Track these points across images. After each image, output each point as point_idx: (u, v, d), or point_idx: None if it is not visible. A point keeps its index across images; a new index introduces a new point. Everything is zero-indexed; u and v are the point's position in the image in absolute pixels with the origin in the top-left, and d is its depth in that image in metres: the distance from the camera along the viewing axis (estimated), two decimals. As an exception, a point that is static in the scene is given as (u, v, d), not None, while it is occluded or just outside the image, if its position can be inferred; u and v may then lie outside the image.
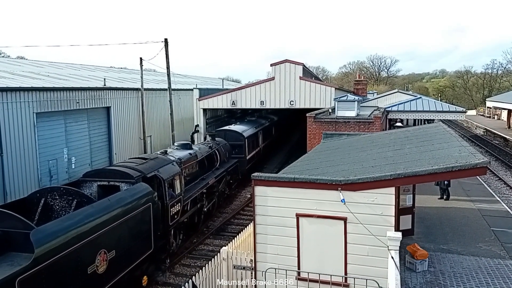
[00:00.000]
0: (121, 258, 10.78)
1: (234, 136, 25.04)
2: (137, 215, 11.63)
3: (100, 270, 9.92)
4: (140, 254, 11.94)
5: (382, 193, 8.64)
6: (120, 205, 10.93)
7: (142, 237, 12.04)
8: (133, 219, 11.42)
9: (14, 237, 8.65)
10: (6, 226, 8.77)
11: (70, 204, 10.78)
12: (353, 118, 21.43)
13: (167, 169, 14.60)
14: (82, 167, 24.37)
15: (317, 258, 9.26)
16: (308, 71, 36.26)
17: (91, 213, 9.90)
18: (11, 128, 19.22)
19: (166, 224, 14.08)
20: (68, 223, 9.18)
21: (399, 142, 12.65)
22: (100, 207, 10.34)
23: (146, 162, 14.22)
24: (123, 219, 10.90)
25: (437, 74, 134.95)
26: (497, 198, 16.92)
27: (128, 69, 52.46)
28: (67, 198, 10.90)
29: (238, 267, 11.17)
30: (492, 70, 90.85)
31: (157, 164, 14.50)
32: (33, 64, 33.31)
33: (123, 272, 10.98)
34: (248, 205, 21.44)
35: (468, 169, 7.96)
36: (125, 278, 11.11)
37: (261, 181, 9.63)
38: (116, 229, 10.57)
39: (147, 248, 12.37)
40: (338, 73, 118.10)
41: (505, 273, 9.38)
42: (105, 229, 10.08)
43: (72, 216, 9.64)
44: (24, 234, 8.38)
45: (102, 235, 9.94)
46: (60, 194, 10.99)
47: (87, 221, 9.59)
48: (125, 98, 29.16)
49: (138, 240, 11.78)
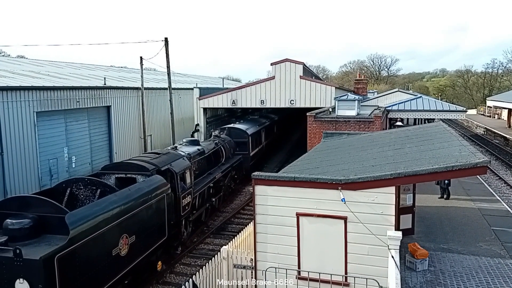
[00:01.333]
0: (140, 243, 11.72)
1: (238, 134, 25.77)
2: (153, 204, 12.58)
3: (123, 253, 10.89)
4: (156, 240, 12.91)
5: (382, 192, 8.64)
6: (139, 195, 11.90)
7: (157, 225, 12.97)
8: (150, 208, 12.39)
9: (48, 220, 9.48)
10: (42, 211, 9.60)
11: (94, 193, 11.62)
12: (354, 118, 21.42)
13: (178, 163, 15.47)
14: (83, 166, 24.39)
15: (317, 257, 9.26)
16: (308, 70, 36.24)
17: (115, 200, 10.84)
18: (11, 127, 19.22)
19: (178, 214, 14.92)
20: (96, 209, 10.15)
21: (399, 141, 12.64)
22: (122, 195, 11.28)
23: (159, 157, 15.13)
24: (142, 207, 11.86)
25: (437, 73, 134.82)
26: (497, 197, 16.92)
27: (128, 68, 52.45)
28: (91, 188, 11.75)
29: (239, 266, 11.18)
30: (493, 69, 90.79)
31: (170, 158, 15.40)
32: (33, 63, 33.30)
33: (142, 256, 11.93)
34: (249, 204, 21.48)
35: (469, 169, 7.97)
36: (142, 262, 12.09)
37: (262, 180, 9.63)
38: (136, 216, 11.55)
39: (162, 236, 13.31)
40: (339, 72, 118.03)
41: (505, 272, 9.38)
42: (127, 216, 11.04)
43: (99, 203, 10.57)
44: (59, 218, 9.23)
45: (124, 221, 10.89)
46: (84, 184, 11.85)
47: (111, 207, 10.54)
48: (125, 97, 29.16)
49: (154, 228, 12.74)
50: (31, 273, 8.27)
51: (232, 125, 27.69)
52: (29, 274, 8.28)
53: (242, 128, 26.64)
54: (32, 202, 9.93)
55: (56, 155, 22.39)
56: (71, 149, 23.54)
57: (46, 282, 8.31)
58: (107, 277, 10.25)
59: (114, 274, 10.55)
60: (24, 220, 9.26)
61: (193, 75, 63.17)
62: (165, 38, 26.99)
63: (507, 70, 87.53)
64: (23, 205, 9.84)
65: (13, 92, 19.47)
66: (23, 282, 8.32)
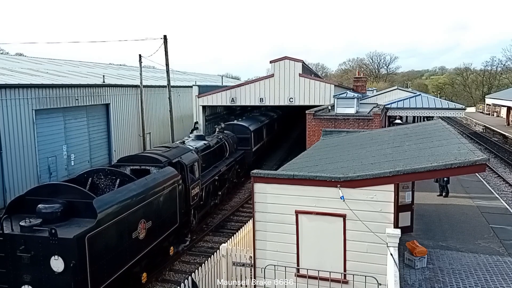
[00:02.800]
0: (155, 228, 12.68)
1: (241, 130, 26.61)
2: (167, 193, 13.56)
3: (141, 236, 11.87)
4: (169, 227, 13.88)
5: (381, 190, 8.64)
6: (154, 184, 12.84)
7: (170, 212, 13.95)
8: (164, 197, 13.35)
9: (77, 205, 10.38)
10: (70, 198, 10.50)
11: (113, 183, 12.44)
12: (353, 115, 21.42)
13: (188, 156, 16.50)
14: (81, 164, 24.39)
15: (316, 255, 9.27)
16: (307, 68, 36.21)
17: (134, 189, 11.83)
18: (10, 125, 19.21)
19: (188, 204, 15.90)
20: (119, 195, 11.13)
21: (398, 139, 12.64)
22: (140, 184, 12.26)
23: (170, 150, 16.14)
24: (157, 195, 12.83)
25: (436, 71, 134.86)
26: (496, 195, 16.94)
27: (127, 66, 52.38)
28: (111, 178, 12.60)
29: (238, 264, 11.19)
30: (492, 67, 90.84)
31: (179, 151, 16.45)
32: (32, 61, 33.23)
33: (157, 241, 12.88)
34: (248, 202, 21.50)
35: (467, 166, 7.96)
36: (157, 246, 13.03)
37: (261, 178, 9.63)
38: (152, 203, 12.53)
39: (174, 223, 14.28)
40: (338, 70, 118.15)
41: (504, 269, 9.41)
42: (144, 203, 12.02)
43: (120, 190, 11.51)
44: (86, 203, 10.14)
45: (142, 207, 11.88)
46: (105, 174, 12.73)
47: (131, 195, 11.52)
48: (124, 95, 29.14)
49: (167, 215, 13.71)
50: (65, 250, 9.16)
51: (235, 121, 28.59)
52: (63, 251, 9.16)
53: (245, 125, 27.44)
54: (62, 189, 10.80)
55: (55, 153, 22.38)
56: (70, 147, 23.54)
57: (78, 258, 9.22)
58: (128, 258, 11.25)
59: (133, 256, 11.53)
60: (55, 205, 10.13)
61: (192, 73, 63.13)
62: (164, 36, 26.97)
63: (506, 68, 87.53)
64: (53, 191, 10.68)
65: (11, 90, 19.44)
66: (57, 259, 9.21)
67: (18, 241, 9.39)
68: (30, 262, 9.34)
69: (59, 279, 9.24)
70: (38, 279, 9.39)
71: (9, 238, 9.46)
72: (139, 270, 12.19)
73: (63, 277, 9.22)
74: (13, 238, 9.44)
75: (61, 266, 9.21)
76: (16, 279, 9.54)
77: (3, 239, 9.46)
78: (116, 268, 10.66)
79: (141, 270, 12.33)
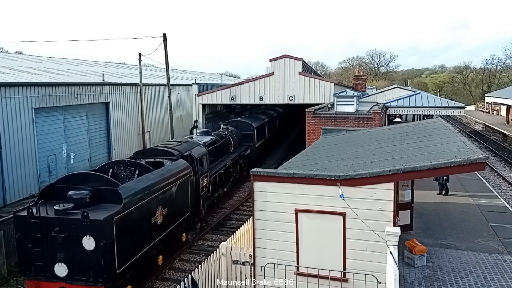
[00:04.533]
0: (170, 215, 13.83)
1: (244, 126, 27.56)
2: (180, 183, 14.68)
3: (158, 222, 13.02)
4: (182, 214, 15.03)
5: (381, 188, 8.64)
6: (169, 174, 13.96)
7: (183, 201, 15.09)
8: (178, 187, 14.47)
9: (103, 192, 11.38)
10: (97, 185, 11.47)
11: (133, 173, 13.46)
12: (352, 114, 21.42)
13: (197, 150, 17.63)
14: (81, 163, 24.37)
15: (316, 253, 9.28)
16: (307, 66, 36.19)
17: (153, 178, 12.93)
18: (9, 124, 19.18)
19: (198, 194, 17.03)
20: (140, 184, 12.23)
21: (398, 137, 12.64)
22: (157, 174, 13.34)
23: (181, 144, 17.36)
24: (172, 185, 13.95)
25: (436, 69, 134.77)
26: (495, 193, 16.94)
27: (127, 64, 52.32)
28: (130, 169, 13.62)
29: (237, 262, 11.19)
30: (492, 66, 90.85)
31: (190, 145, 17.61)
32: (32, 59, 33.17)
33: (172, 227, 14.02)
34: (248, 200, 21.52)
35: (467, 165, 7.96)
36: (172, 232, 14.14)
37: (260, 176, 9.63)
38: (168, 192, 13.64)
39: (186, 211, 15.44)
40: (337, 68, 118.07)
41: (503, 268, 9.42)
42: (161, 191, 13.15)
43: (141, 179, 12.58)
44: (112, 190, 11.19)
45: (159, 195, 13.00)
46: (124, 165, 13.78)
47: (150, 183, 12.60)
48: (124, 93, 29.10)
49: (180, 203, 14.83)
50: (96, 230, 10.16)
51: (238, 118, 29.61)
52: (95, 231, 10.16)
53: (248, 122, 28.42)
54: (89, 178, 11.87)
55: (55, 152, 22.36)
56: (69, 145, 23.51)
57: (107, 238, 10.26)
58: (147, 241, 12.41)
59: (152, 239, 12.70)
60: (84, 191, 11.14)
61: (192, 71, 63.07)
62: (164, 34, 26.92)
63: (506, 67, 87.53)
64: (81, 180, 11.72)
65: (11, 88, 19.41)
66: (89, 238, 10.20)
67: (53, 223, 10.43)
68: (64, 242, 10.38)
69: (90, 257, 10.24)
70: (70, 257, 10.40)
71: (45, 221, 10.48)
72: (156, 253, 13.31)
73: (94, 255, 10.22)
74: (48, 221, 10.46)
75: (92, 245, 10.19)
76: (50, 257, 10.54)
77: (39, 221, 10.48)
78: (138, 249, 11.80)
79: (158, 253, 13.45)
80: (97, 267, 10.28)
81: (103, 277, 10.32)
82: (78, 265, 10.41)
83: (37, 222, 10.50)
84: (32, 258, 10.63)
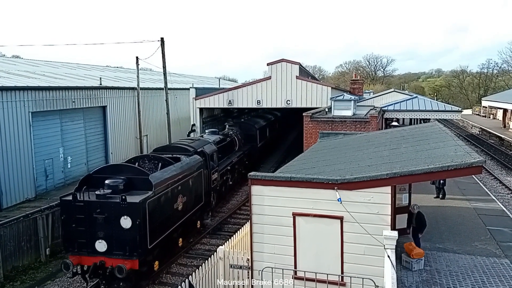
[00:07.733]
0: (188, 203, 15.94)
1: (247, 127, 29.39)
2: (196, 176, 16.73)
3: (179, 208, 15.04)
4: (197, 203, 17.09)
5: (378, 192, 8.65)
6: (188, 167, 16.05)
7: (197, 192, 17.08)
8: (194, 178, 16.52)
9: (134, 181, 13.17)
10: (130, 175, 13.29)
11: (156, 166, 15.13)
12: (350, 118, 21.45)
13: (208, 147, 19.64)
14: (78, 167, 24.30)
15: (313, 257, 9.27)
16: (304, 70, 36.25)
17: (175, 169, 14.96)
18: (6, 128, 19.12)
19: (209, 186, 19.05)
20: (165, 174, 14.19)
21: (395, 141, 12.67)
22: (178, 166, 15.38)
23: (194, 141, 19.46)
24: (189, 177, 15.99)
25: (433, 73, 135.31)
26: (492, 197, 17.00)
27: (124, 68, 52.26)
28: (154, 162, 15.38)
29: (235, 266, 11.16)
30: (488, 70, 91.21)
31: (202, 143, 19.73)
32: (29, 63, 33.13)
33: (189, 213, 16.07)
34: (245, 204, 21.47)
35: (464, 168, 7.99)
36: (189, 218, 16.14)
37: (258, 180, 9.62)
38: (186, 182, 15.69)
39: (200, 201, 17.51)
40: (335, 72, 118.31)
41: (500, 271, 9.43)
42: (181, 181, 15.14)
43: (165, 170, 14.48)
44: (143, 178, 13.05)
45: (180, 184, 14.98)
46: (148, 159, 15.63)
47: (173, 174, 14.61)
48: (121, 97, 29.07)
49: (195, 193, 16.83)
50: (133, 211, 11.91)
51: (242, 120, 32.20)
52: (131, 212, 11.91)
53: (251, 123, 30.53)
54: (122, 168, 13.73)
55: (52, 156, 22.29)
56: (66, 149, 23.45)
57: (142, 218, 12.01)
58: (170, 224, 14.30)
59: (174, 222, 14.63)
60: (119, 180, 12.90)
61: (189, 75, 63.08)
62: (161, 38, 26.92)
63: (502, 71, 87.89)
64: (115, 170, 13.57)
65: (8, 92, 19.36)
66: (126, 218, 11.95)
67: (95, 206, 12.17)
68: (104, 222, 12.10)
69: (127, 234, 11.97)
70: (110, 234, 12.11)
71: (88, 204, 12.24)
72: (176, 236, 15.25)
73: (130, 232, 11.95)
74: (91, 204, 12.22)
75: (129, 224, 11.91)
76: (92, 235, 12.23)
77: (83, 204, 12.21)
78: (164, 229, 13.67)
79: (178, 236, 15.39)
80: (133, 242, 11.97)
81: (138, 251, 12.05)
82: (116, 241, 12.08)
83: (81, 205, 12.21)
84: (76, 236, 12.31)
